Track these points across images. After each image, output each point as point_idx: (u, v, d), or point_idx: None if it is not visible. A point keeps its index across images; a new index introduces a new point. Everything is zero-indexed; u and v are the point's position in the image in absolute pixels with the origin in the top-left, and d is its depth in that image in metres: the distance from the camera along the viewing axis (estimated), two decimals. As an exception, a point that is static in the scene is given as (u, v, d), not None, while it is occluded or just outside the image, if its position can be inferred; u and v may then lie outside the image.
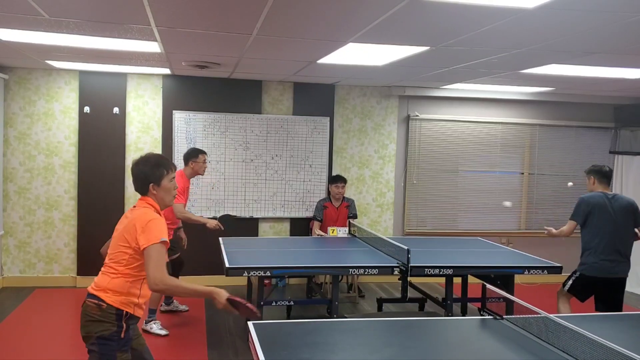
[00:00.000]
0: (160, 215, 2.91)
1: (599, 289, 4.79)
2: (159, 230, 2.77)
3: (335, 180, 6.69)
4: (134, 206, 2.98)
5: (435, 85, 6.99)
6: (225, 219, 5.58)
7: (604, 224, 4.72)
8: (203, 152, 5.58)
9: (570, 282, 4.90)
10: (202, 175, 5.67)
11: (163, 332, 5.19)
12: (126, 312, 2.80)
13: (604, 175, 4.89)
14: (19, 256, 6.66)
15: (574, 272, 4.91)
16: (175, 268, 5.62)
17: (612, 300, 4.78)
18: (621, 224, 4.73)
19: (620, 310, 4.75)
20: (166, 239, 2.77)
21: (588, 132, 7.83)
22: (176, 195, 5.22)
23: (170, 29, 4.05)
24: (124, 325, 2.80)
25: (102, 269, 2.92)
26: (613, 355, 2.42)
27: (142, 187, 2.94)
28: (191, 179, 5.68)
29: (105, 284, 2.82)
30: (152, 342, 5.06)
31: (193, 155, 5.52)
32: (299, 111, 7.09)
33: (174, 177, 3.02)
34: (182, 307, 5.96)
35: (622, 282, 4.82)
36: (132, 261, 2.81)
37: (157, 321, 5.26)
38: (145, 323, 5.24)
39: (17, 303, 5.97)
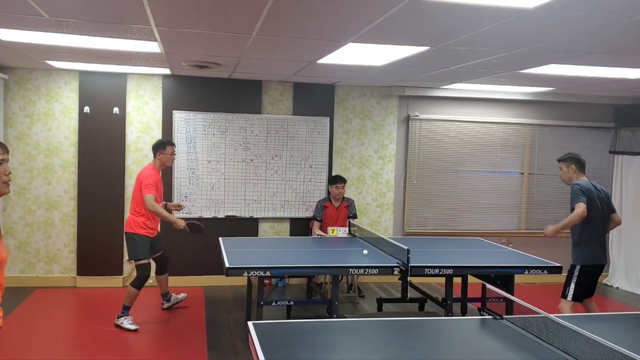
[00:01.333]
0: None
1: (588, 279, 4.89)
2: None
3: (335, 180, 6.69)
4: None
5: (435, 85, 6.99)
6: (193, 227, 5.47)
7: (596, 212, 4.83)
8: (171, 144, 5.59)
9: (572, 286, 4.85)
10: (170, 166, 5.58)
11: (133, 326, 5.24)
12: None
13: (583, 164, 4.99)
14: (19, 256, 6.66)
15: (571, 274, 4.88)
16: (160, 266, 5.72)
17: (592, 286, 4.96)
18: (605, 212, 4.94)
19: (594, 293, 5.00)
20: None
21: (588, 132, 7.83)
22: (149, 187, 5.24)
23: (170, 29, 4.05)
24: None
25: None
26: (613, 355, 2.42)
27: None
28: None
29: None
30: (151, 342, 5.07)
31: (160, 147, 5.49)
32: (299, 111, 7.09)
33: (3, 160, 2.46)
34: (180, 296, 6.08)
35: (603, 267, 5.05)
36: None
37: (129, 317, 5.31)
38: (117, 318, 5.31)
39: (17, 303, 5.97)
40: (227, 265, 4.58)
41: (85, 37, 4.39)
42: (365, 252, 5.23)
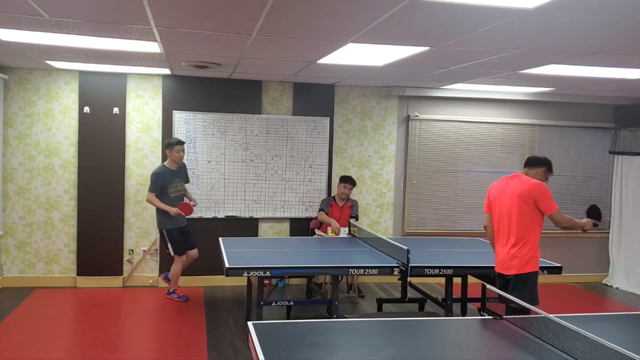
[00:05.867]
0: None
1: None
2: None
3: (346, 180, 6.62)
4: None
5: (435, 85, 6.99)
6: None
7: None
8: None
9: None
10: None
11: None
12: None
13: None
14: (19, 256, 6.66)
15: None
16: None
17: None
18: None
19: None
20: None
21: (588, 132, 7.83)
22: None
23: (170, 29, 4.05)
24: None
25: None
26: (613, 355, 2.42)
27: None
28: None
29: None
30: (151, 342, 5.06)
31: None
32: (299, 111, 7.09)
33: None
34: None
35: None
36: None
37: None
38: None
39: (17, 303, 5.97)
40: (227, 265, 4.58)
41: (85, 37, 4.39)
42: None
